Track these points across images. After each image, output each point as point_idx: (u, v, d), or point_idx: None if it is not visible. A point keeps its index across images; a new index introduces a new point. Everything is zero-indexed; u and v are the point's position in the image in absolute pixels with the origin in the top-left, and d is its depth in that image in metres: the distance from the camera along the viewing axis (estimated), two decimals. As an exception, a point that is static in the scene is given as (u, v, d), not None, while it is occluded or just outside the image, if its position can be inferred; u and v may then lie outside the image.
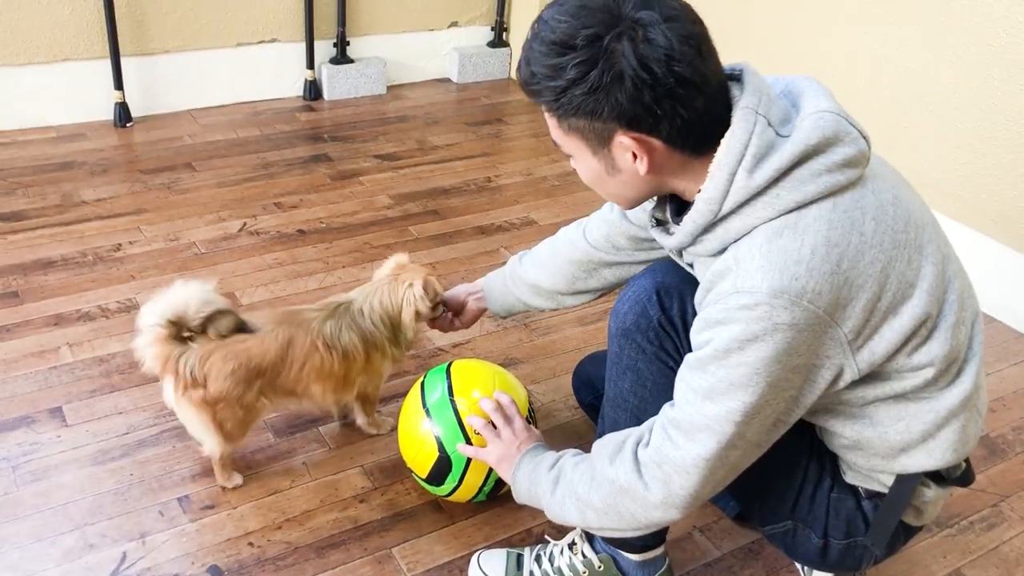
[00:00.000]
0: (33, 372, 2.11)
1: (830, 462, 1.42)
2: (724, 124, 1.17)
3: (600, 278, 1.73)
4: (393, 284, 1.83)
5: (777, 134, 1.17)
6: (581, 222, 1.74)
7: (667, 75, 1.10)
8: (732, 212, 1.17)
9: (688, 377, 1.23)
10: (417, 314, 1.82)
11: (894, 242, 1.18)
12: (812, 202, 1.15)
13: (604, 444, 1.36)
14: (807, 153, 1.14)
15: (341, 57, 3.76)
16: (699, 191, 1.20)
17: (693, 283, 1.40)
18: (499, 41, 4.13)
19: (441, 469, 1.71)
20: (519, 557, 1.65)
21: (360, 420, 2.00)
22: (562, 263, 1.74)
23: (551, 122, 1.23)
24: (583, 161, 1.26)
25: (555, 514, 1.42)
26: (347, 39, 3.74)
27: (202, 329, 1.67)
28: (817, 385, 1.20)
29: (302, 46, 3.67)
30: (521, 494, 1.50)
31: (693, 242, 1.24)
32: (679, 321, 1.43)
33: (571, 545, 1.62)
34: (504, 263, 1.73)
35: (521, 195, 3.14)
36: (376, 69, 3.84)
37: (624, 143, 1.17)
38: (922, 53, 2.67)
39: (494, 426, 1.62)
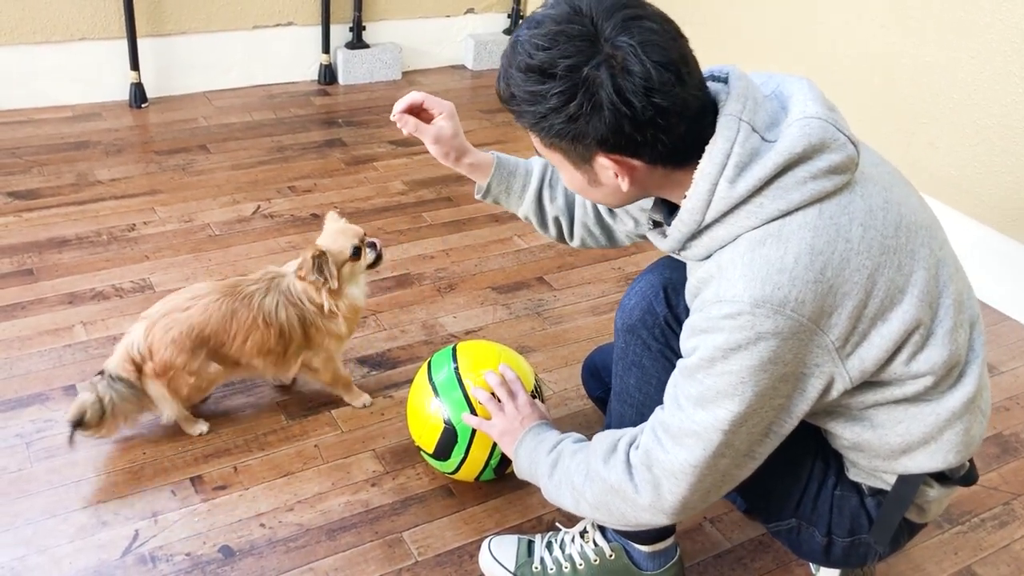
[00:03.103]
0: (47, 350, 2.12)
1: (835, 460, 1.41)
2: (705, 134, 1.15)
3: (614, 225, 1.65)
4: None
5: (763, 139, 1.15)
6: None
7: (647, 107, 1.09)
8: (716, 221, 1.17)
9: (678, 382, 1.23)
10: (331, 292, 1.84)
11: (883, 248, 1.16)
12: (797, 209, 1.13)
13: (601, 440, 1.37)
14: (792, 161, 1.13)
15: (357, 42, 3.75)
16: (684, 197, 1.19)
17: None
18: (515, 28, 4.11)
19: (447, 442, 1.71)
20: (530, 544, 1.65)
21: (343, 395, 2.05)
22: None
23: (533, 138, 1.23)
24: (566, 172, 1.26)
25: (552, 497, 1.43)
26: (363, 24, 3.73)
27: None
28: (807, 395, 1.19)
29: (318, 30, 3.67)
30: (522, 470, 1.51)
31: (683, 247, 1.24)
32: (685, 319, 1.42)
33: (583, 533, 1.62)
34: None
35: (535, 183, 3.13)
36: (391, 54, 3.83)
37: (605, 163, 1.17)
38: (941, 49, 2.65)
39: (499, 400, 1.63)
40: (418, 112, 1.59)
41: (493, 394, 1.64)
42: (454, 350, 1.78)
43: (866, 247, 1.14)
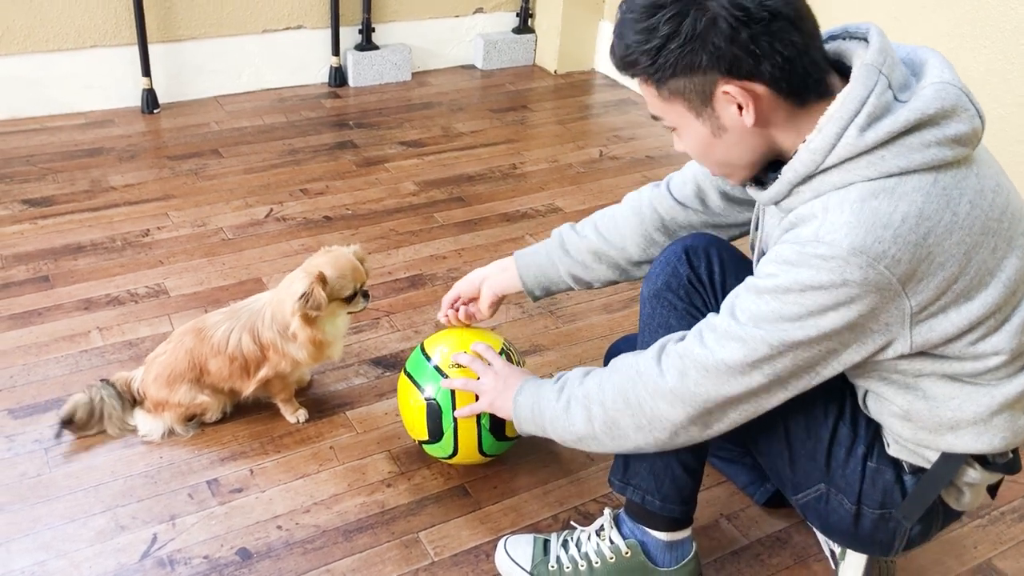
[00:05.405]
0: (64, 356, 2.14)
1: (866, 430, 1.40)
2: (823, 70, 1.18)
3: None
4: (288, 282, 1.86)
5: (895, 98, 1.17)
6: (658, 182, 1.66)
7: (759, 9, 1.12)
8: (834, 166, 1.18)
9: (741, 296, 1.25)
10: (305, 318, 1.81)
11: (984, 228, 1.17)
12: (915, 171, 1.15)
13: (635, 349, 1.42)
14: (922, 121, 1.14)
15: (366, 44, 3.76)
16: (803, 141, 1.20)
17: (721, 244, 1.50)
18: (524, 27, 4.12)
19: (435, 418, 1.72)
20: (546, 543, 1.65)
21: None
22: (636, 225, 1.63)
23: (650, 93, 1.24)
24: (688, 128, 1.26)
25: (558, 423, 1.44)
26: (372, 25, 3.74)
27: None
28: (864, 347, 1.20)
29: (327, 32, 3.68)
30: (524, 419, 1.52)
31: (789, 193, 1.24)
32: (707, 278, 1.47)
33: (598, 531, 1.62)
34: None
35: (546, 182, 3.13)
36: (401, 56, 3.84)
37: (729, 92, 1.17)
38: (952, 39, 2.63)
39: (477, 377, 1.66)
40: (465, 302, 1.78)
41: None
42: (423, 348, 1.80)
43: (969, 223, 1.16)
